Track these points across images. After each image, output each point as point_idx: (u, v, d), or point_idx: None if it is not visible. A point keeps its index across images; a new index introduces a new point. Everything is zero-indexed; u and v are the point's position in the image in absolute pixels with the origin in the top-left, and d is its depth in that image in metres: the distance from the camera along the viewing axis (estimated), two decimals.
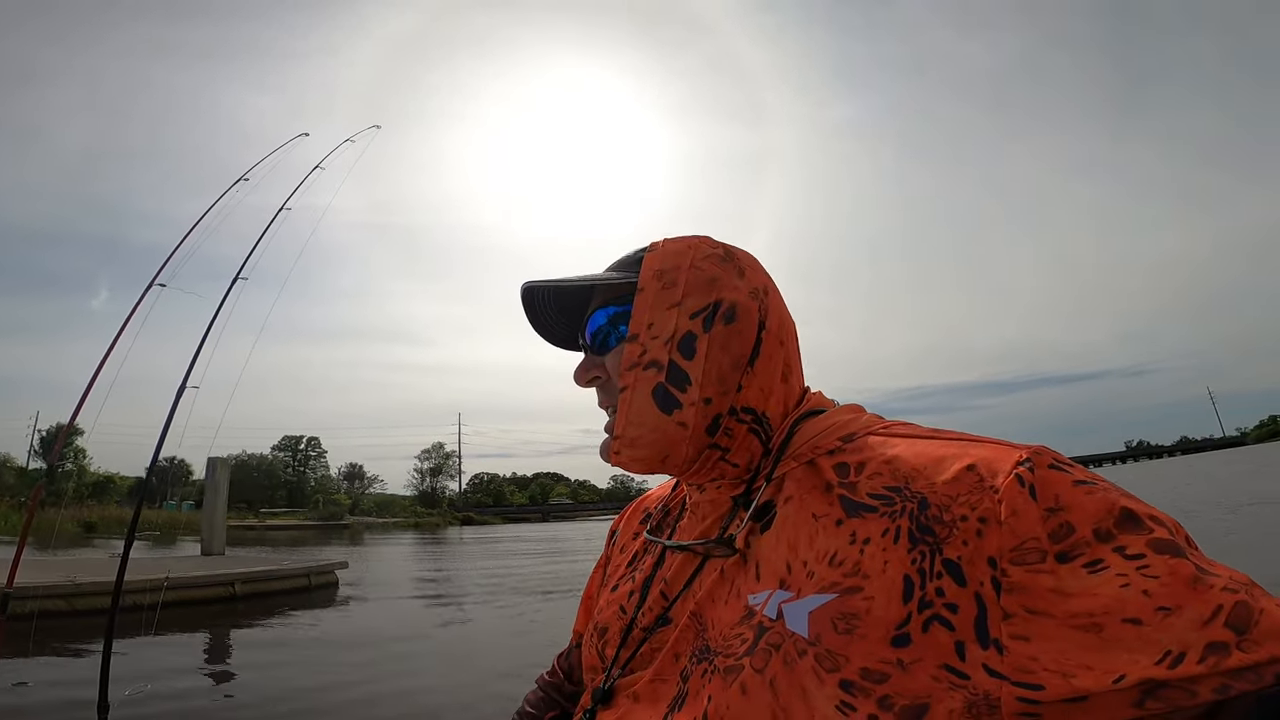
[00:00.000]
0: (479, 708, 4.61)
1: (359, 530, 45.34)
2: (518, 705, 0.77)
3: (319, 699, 4.89)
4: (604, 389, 0.62)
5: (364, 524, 53.32)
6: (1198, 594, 0.38)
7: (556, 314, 0.68)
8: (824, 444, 0.55)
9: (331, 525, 48.28)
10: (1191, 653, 0.37)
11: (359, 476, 77.47)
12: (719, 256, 0.59)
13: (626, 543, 0.74)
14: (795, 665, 0.45)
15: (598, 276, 0.61)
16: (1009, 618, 0.40)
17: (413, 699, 4.84)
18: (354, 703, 4.79)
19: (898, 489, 0.48)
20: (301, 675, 5.60)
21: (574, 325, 0.68)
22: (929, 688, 0.41)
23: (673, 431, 0.55)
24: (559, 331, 0.69)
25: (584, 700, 0.61)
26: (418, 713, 4.58)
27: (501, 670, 5.62)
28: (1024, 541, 0.41)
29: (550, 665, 0.79)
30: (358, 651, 6.59)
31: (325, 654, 6.52)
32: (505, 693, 4.70)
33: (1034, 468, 0.44)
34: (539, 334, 0.69)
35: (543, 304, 0.67)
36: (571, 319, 0.68)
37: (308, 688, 5.18)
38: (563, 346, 0.71)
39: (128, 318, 3.79)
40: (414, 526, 54.35)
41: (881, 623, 0.43)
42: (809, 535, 0.50)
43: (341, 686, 5.20)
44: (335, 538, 33.78)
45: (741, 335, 0.57)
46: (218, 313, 3.90)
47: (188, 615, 8.19)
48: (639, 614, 0.60)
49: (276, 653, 6.56)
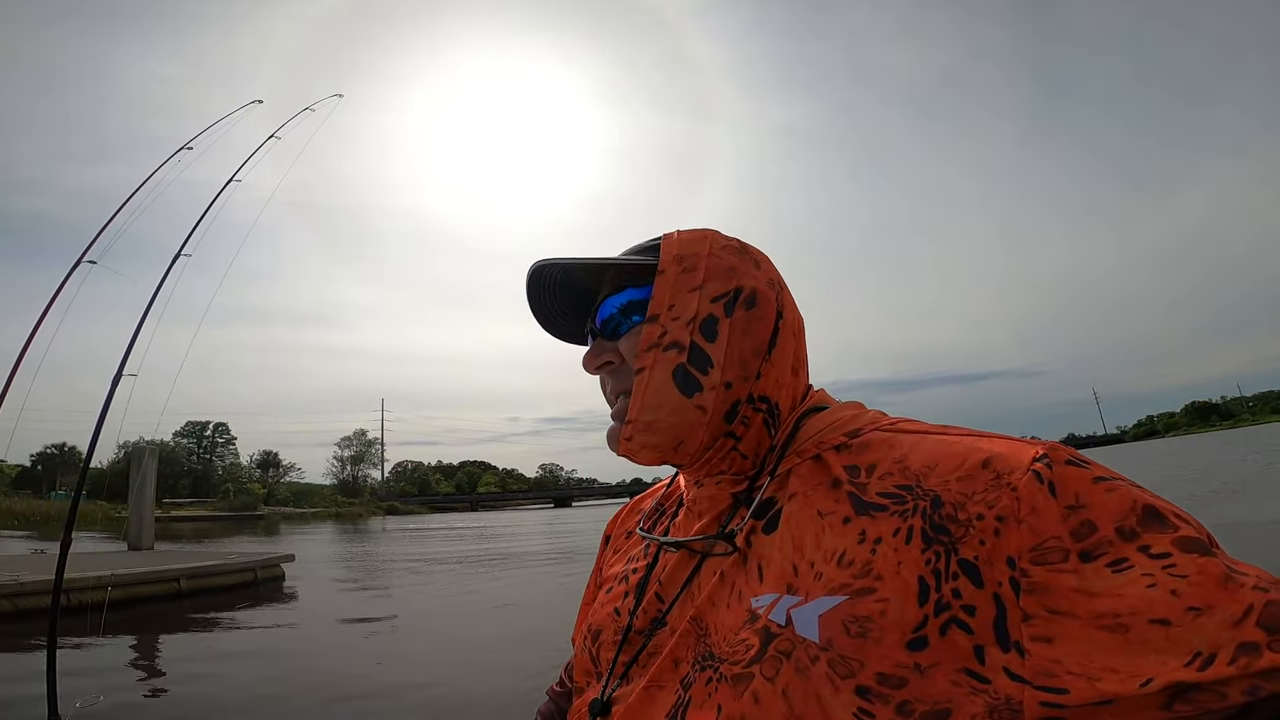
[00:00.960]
0: (465, 695, 4.75)
1: (274, 521, 43.20)
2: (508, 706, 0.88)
3: (279, 703, 4.69)
4: (615, 374, 0.60)
5: (280, 514, 50.86)
6: (1228, 593, 0.37)
7: (561, 300, 0.65)
8: (829, 439, 0.54)
9: (244, 516, 45.84)
10: (1222, 654, 0.36)
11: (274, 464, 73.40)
12: (735, 248, 0.59)
13: (620, 544, 0.72)
14: (808, 673, 0.43)
15: (616, 258, 0.59)
16: (1029, 619, 0.39)
17: (375, 693, 4.83)
18: (318, 704, 4.67)
19: (909, 487, 0.47)
20: (258, 676, 5.38)
21: (575, 313, 0.66)
22: (949, 693, 0.40)
23: (691, 415, 0.54)
24: (559, 319, 0.66)
25: (579, 709, 0.59)
26: (389, 706, 4.58)
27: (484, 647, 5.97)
28: (1045, 540, 0.40)
29: (559, 676, 0.76)
30: (313, 647, 6.54)
31: (280, 652, 6.34)
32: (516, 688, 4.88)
33: (1051, 464, 0.42)
34: (538, 320, 0.66)
35: (549, 287, 0.63)
36: (575, 306, 0.66)
37: (268, 693, 4.91)
38: (560, 336, 0.68)
39: (54, 295, 3.53)
40: (335, 517, 52.37)
41: (897, 626, 0.42)
42: (815, 534, 0.49)
43: (308, 688, 5.04)
44: (248, 529, 32.06)
45: (762, 322, 0.56)
46: (157, 292, 3.53)
47: (134, 615, 7.91)
48: (634, 617, 0.58)
49: (229, 653, 6.33)
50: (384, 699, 4.71)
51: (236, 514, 46.49)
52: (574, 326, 0.67)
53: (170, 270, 3.63)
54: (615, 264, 0.59)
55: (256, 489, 63.84)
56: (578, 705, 0.60)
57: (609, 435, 0.59)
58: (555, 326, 0.67)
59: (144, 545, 13.63)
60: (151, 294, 3.75)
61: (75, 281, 3.84)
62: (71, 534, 3.46)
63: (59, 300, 3.77)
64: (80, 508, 13.13)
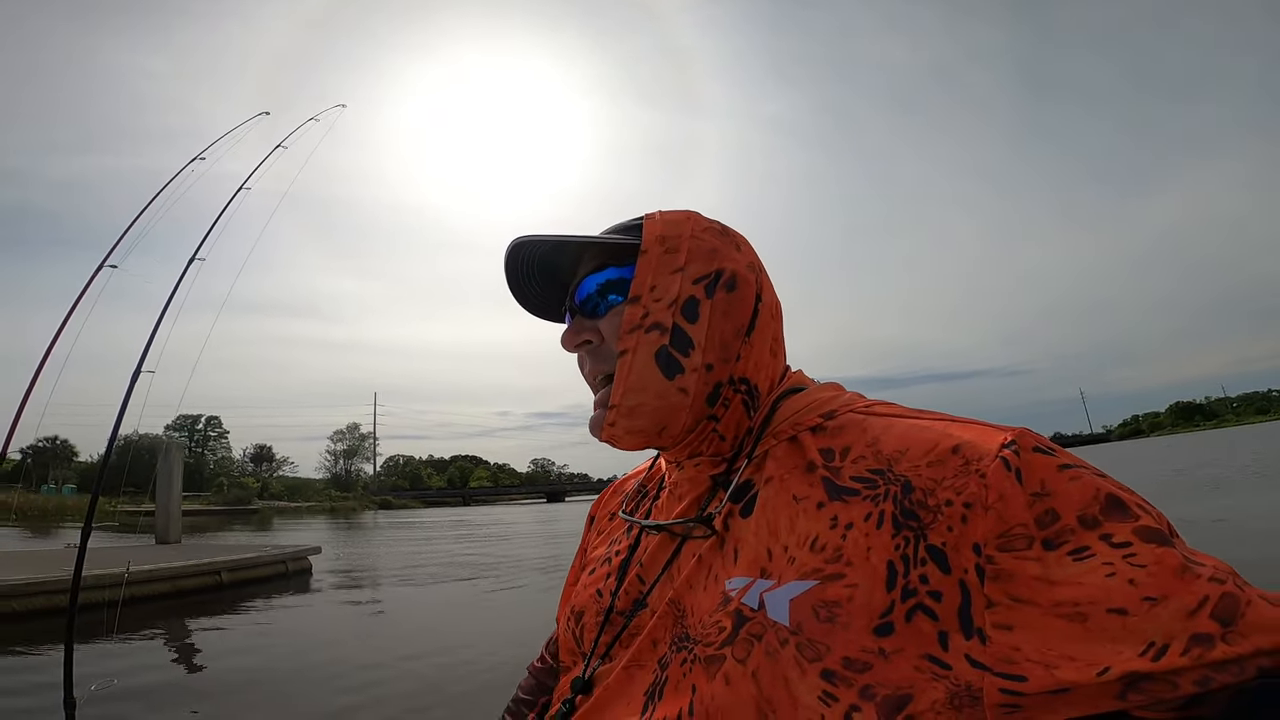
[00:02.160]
0: (476, 678, 4.97)
1: (268, 515, 43.09)
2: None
3: (304, 685, 4.95)
4: (595, 354, 0.59)
5: (274, 509, 50.86)
6: (1184, 584, 0.37)
7: (539, 278, 0.64)
8: (805, 420, 0.54)
9: (238, 510, 45.75)
10: (1175, 644, 0.36)
11: (267, 458, 73.24)
12: (717, 230, 0.59)
13: (604, 525, 0.72)
14: (777, 655, 0.44)
15: (597, 236, 0.59)
16: (992, 606, 0.40)
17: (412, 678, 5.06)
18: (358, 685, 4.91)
19: (881, 471, 0.47)
20: (287, 663, 5.62)
21: (553, 290, 0.65)
22: (911, 678, 0.40)
23: (674, 398, 0.54)
24: (535, 296, 0.65)
25: (563, 687, 0.60)
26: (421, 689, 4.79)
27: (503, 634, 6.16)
28: (1011, 528, 0.40)
29: (539, 653, 0.77)
30: (350, 632, 6.92)
31: (313, 641, 6.54)
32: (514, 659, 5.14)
33: (1019, 450, 0.42)
34: (515, 297, 0.65)
35: (526, 265, 0.62)
36: (554, 284, 0.64)
37: (297, 676, 5.21)
38: (537, 313, 0.67)
39: (77, 299, 3.72)
40: (329, 511, 52.29)
41: (864, 611, 0.42)
42: (789, 518, 0.49)
43: (339, 675, 5.25)
44: (241, 523, 32.01)
45: (742, 304, 0.56)
46: (172, 295, 3.73)
47: (179, 605, 8.22)
48: (616, 598, 0.59)
49: (265, 641, 6.59)
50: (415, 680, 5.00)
51: (230, 508, 46.29)
52: (551, 304, 0.66)
53: (185, 273, 3.85)
54: (597, 242, 0.59)
55: (250, 483, 63.68)
56: (562, 683, 0.61)
57: (591, 423, 0.59)
58: (532, 303, 0.66)
59: (171, 539, 13.80)
60: (168, 296, 3.94)
61: (97, 286, 4.01)
62: (91, 525, 3.63)
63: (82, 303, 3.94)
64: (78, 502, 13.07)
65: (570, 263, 0.62)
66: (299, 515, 45.80)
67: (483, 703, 4.42)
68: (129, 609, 7.10)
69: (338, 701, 4.50)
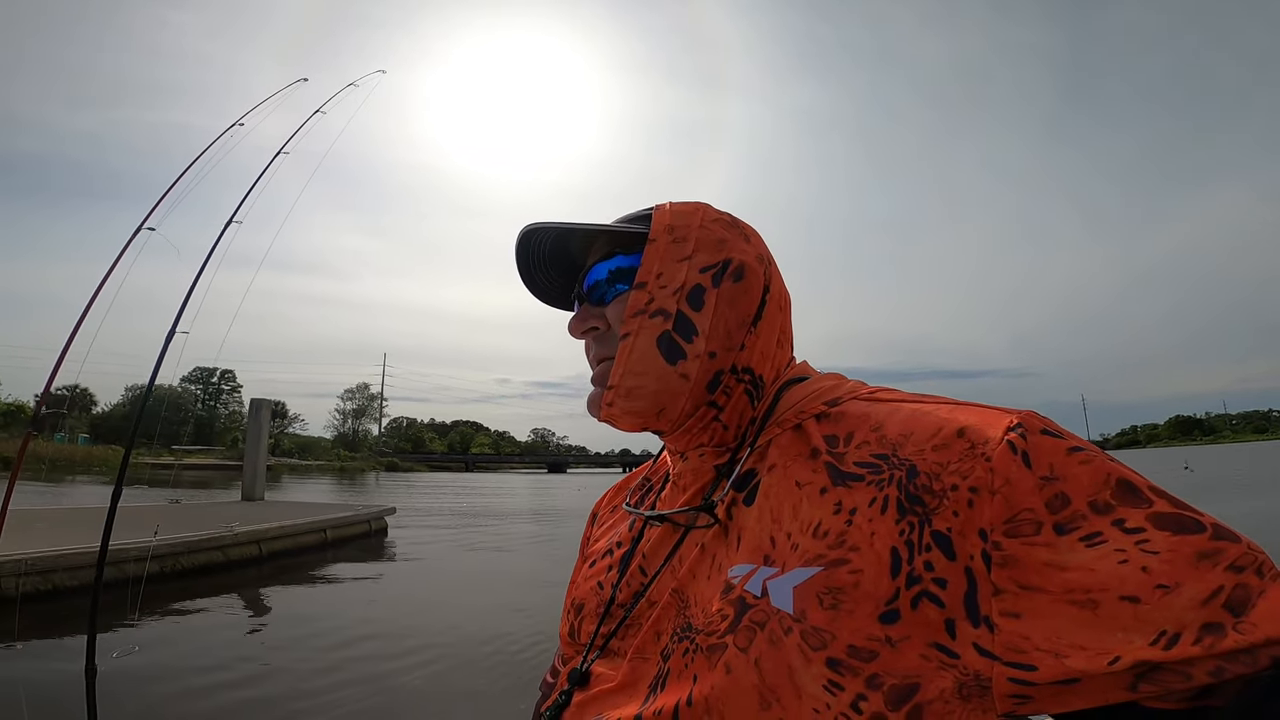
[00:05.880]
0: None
1: (279, 472, 43.32)
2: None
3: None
4: (600, 340, 0.59)
5: (285, 465, 51.53)
6: (1199, 572, 0.36)
7: (549, 265, 0.64)
8: (810, 408, 0.54)
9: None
10: (1187, 633, 0.35)
11: (280, 414, 72.70)
12: (726, 221, 0.59)
13: (607, 519, 0.73)
14: (781, 644, 0.43)
15: (607, 224, 0.59)
16: (1000, 593, 0.38)
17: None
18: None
19: (885, 456, 0.46)
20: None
21: (563, 277, 0.66)
22: (918, 666, 0.39)
23: (674, 383, 0.54)
24: (545, 284, 0.66)
25: (560, 681, 0.59)
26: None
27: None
28: (1018, 513, 0.39)
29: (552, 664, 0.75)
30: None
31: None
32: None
33: (1026, 433, 0.42)
34: (525, 283, 0.65)
35: (538, 252, 0.63)
36: (563, 271, 0.65)
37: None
38: (547, 300, 0.68)
39: (116, 259, 3.76)
40: (339, 470, 52.87)
41: (869, 598, 0.41)
42: (793, 505, 0.49)
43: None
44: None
45: (748, 294, 0.56)
46: (208, 257, 3.85)
47: (286, 565, 8.85)
48: (617, 590, 0.58)
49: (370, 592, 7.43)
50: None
51: (244, 463, 46.30)
52: (561, 291, 0.67)
53: (221, 236, 4.05)
54: (606, 230, 0.59)
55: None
56: (561, 675, 0.60)
57: (589, 400, 0.59)
58: (541, 290, 0.67)
59: (257, 496, 14.28)
60: (204, 258, 4.02)
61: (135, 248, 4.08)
62: (122, 486, 3.73)
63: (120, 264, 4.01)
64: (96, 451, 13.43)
65: (580, 251, 0.63)
66: (309, 473, 46.39)
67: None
68: (243, 570, 8.07)
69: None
